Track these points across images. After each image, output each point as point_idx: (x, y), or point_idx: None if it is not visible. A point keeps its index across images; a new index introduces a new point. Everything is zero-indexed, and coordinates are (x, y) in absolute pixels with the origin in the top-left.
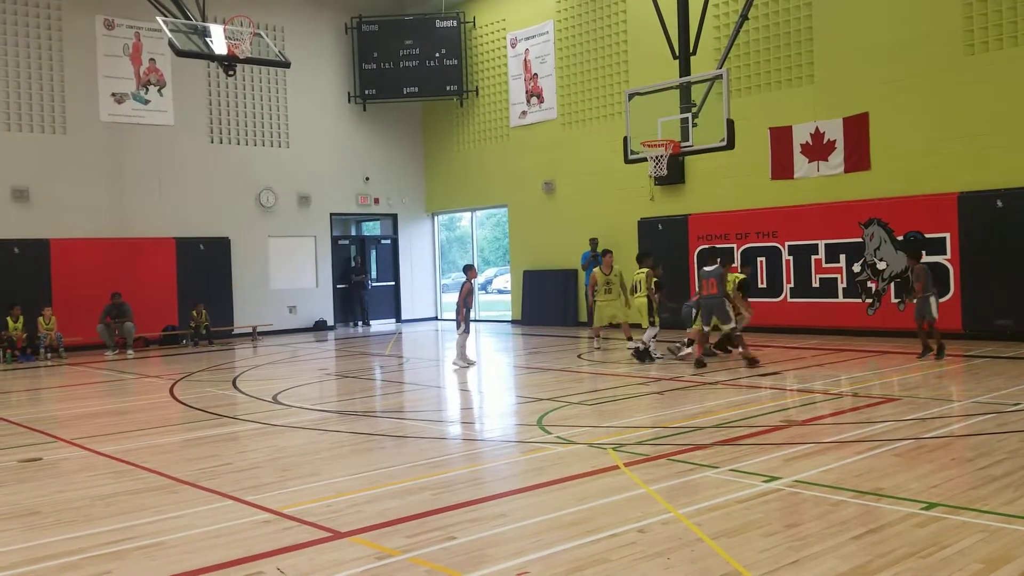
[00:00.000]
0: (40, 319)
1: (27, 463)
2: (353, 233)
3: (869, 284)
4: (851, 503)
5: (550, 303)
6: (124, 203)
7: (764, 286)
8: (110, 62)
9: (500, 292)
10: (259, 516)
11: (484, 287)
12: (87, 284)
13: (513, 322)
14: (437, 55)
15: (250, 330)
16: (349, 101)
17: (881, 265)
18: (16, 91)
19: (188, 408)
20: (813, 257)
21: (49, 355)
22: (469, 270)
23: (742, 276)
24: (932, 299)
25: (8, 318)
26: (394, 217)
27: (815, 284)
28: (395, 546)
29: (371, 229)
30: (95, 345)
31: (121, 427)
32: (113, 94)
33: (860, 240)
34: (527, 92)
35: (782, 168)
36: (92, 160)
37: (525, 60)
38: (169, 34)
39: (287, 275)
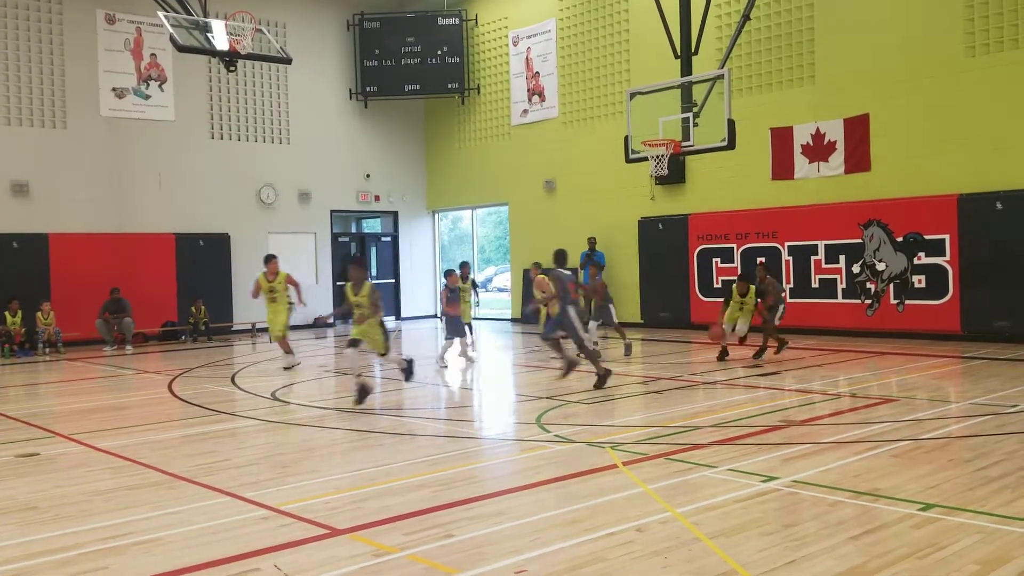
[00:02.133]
0: (38, 314)
1: (24, 458)
2: (353, 230)
3: (868, 285)
4: (848, 503)
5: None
6: (124, 198)
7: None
8: (111, 57)
9: (500, 290)
10: (257, 513)
11: (484, 285)
12: (86, 279)
13: (513, 320)
14: (439, 52)
15: (249, 326)
16: (350, 98)
17: (880, 266)
18: (16, 85)
19: (186, 404)
20: (813, 258)
21: (47, 350)
22: (449, 275)
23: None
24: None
25: (6, 312)
26: (395, 214)
27: (814, 285)
28: (393, 543)
29: (371, 226)
30: (93, 340)
31: (119, 423)
32: (114, 89)
33: (860, 241)
34: (528, 90)
35: (783, 168)
36: (92, 155)
37: (527, 58)
38: (170, 29)
39: (287, 271)
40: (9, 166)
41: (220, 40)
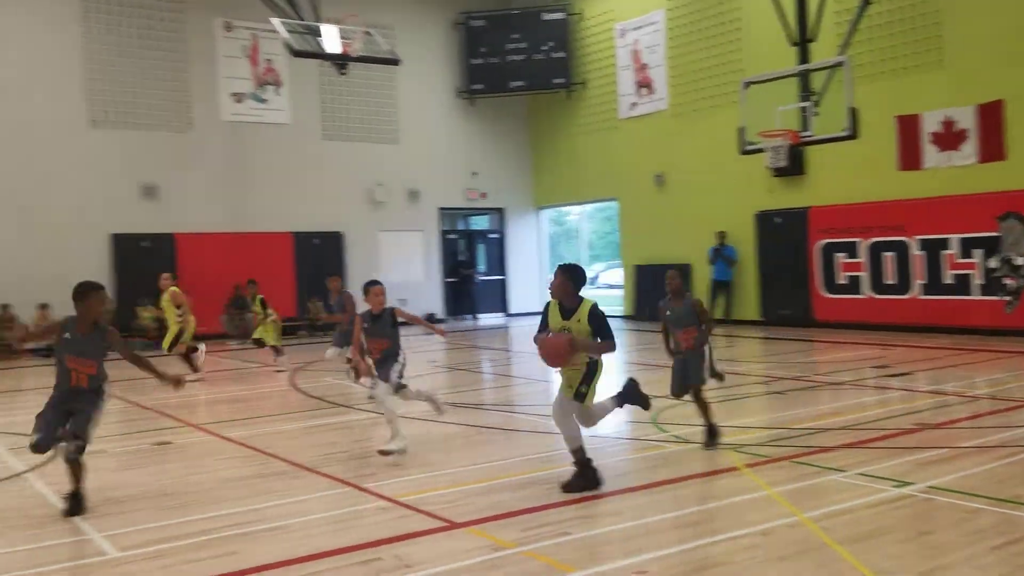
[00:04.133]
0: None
1: (159, 446)
2: (461, 227)
3: (1006, 281)
4: (989, 511)
5: (661, 298)
6: (244, 199)
7: (893, 282)
8: (230, 63)
9: (610, 287)
10: (376, 503)
11: (592, 282)
12: (211, 276)
13: (625, 317)
14: (544, 48)
15: None
16: (457, 96)
17: (1019, 261)
18: (146, 92)
19: (307, 396)
20: (944, 252)
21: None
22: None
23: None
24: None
25: (139, 309)
26: (501, 211)
27: (947, 280)
28: (509, 538)
29: (479, 223)
30: (219, 335)
31: (245, 413)
32: (233, 94)
33: (996, 234)
34: (636, 83)
35: (910, 158)
36: (215, 158)
37: (634, 51)
38: (285, 35)
39: (398, 269)
40: (140, 170)
41: (332, 44)
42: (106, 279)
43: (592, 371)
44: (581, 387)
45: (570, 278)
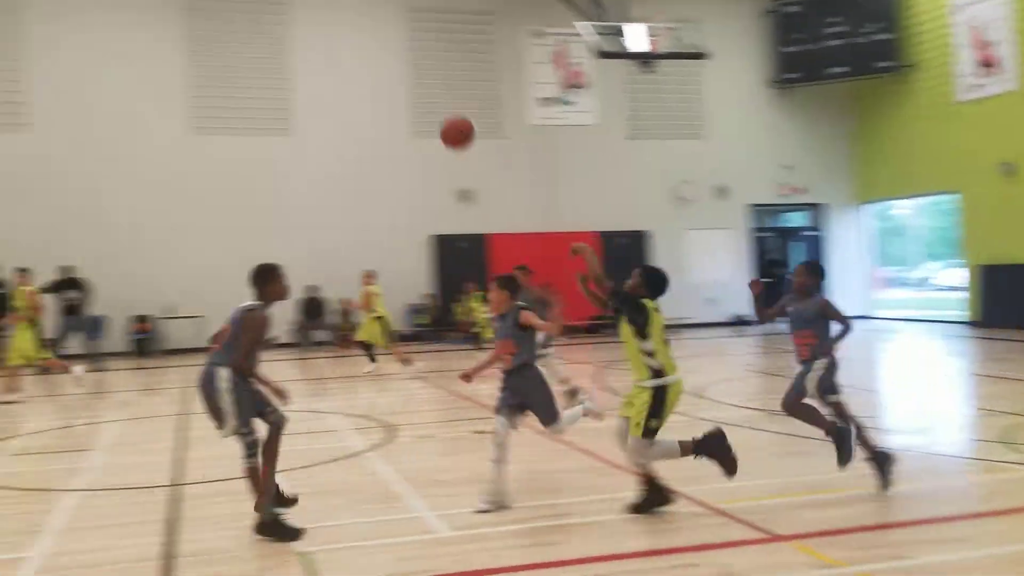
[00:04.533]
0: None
1: (478, 434)
2: (774, 225)
3: None
4: None
5: (1015, 303)
6: (552, 199)
7: None
8: (538, 69)
9: (949, 289)
10: (692, 508)
11: (923, 283)
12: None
13: (971, 323)
14: (865, 30)
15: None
16: (769, 87)
17: None
18: (461, 101)
19: (613, 395)
20: None
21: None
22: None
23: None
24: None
25: (456, 304)
26: (819, 207)
27: None
28: (840, 557)
29: (793, 220)
30: None
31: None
32: (540, 98)
33: None
34: (977, 62)
35: None
36: (524, 161)
37: (974, 26)
38: (593, 36)
39: (705, 268)
40: (457, 175)
41: (637, 43)
42: (426, 277)
43: (660, 400)
44: (651, 421)
45: (647, 277)
